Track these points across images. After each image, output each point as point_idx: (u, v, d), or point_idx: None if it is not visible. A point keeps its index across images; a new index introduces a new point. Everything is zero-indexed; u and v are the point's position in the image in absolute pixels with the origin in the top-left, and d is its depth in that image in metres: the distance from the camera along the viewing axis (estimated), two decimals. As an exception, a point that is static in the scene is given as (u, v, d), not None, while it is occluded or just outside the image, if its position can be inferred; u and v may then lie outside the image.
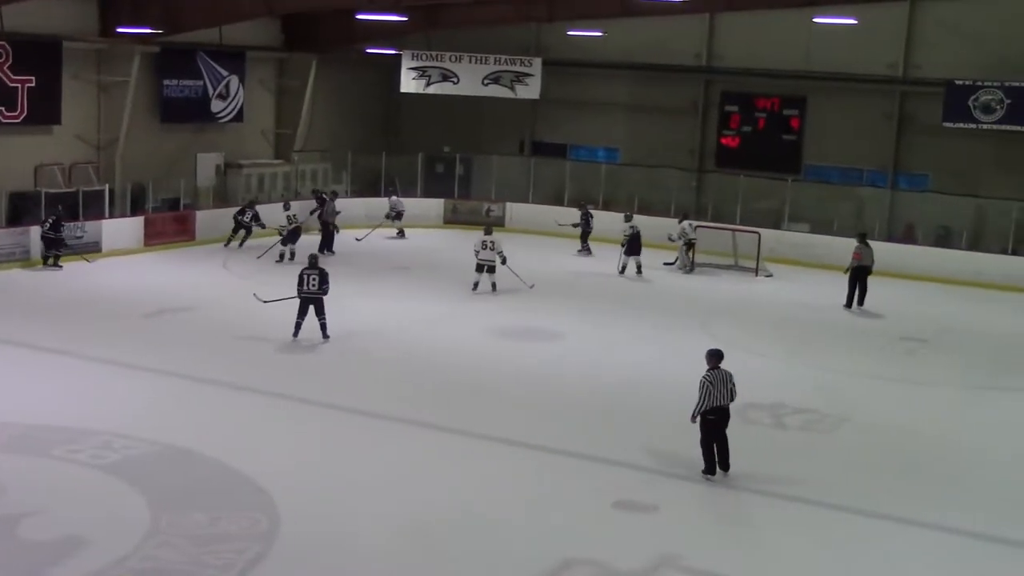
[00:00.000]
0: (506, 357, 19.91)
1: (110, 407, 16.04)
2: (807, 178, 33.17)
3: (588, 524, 12.85)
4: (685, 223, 28.70)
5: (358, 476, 13.88)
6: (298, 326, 19.84)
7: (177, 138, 31.30)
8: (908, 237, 31.20)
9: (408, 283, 25.91)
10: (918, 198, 31.79)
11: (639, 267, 27.57)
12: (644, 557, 11.91)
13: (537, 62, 33.50)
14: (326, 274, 19.99)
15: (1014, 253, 29.13)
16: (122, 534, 11.84)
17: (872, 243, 29.73)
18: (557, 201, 34.23)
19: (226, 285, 24.87)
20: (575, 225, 30.70)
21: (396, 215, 31.87)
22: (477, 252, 24.52)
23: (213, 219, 29.65)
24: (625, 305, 24.69)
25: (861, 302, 25.16)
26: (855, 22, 29.65)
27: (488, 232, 24.87)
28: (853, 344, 22.19)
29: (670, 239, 28.81)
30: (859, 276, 25.21)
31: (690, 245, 28.45)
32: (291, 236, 27.48)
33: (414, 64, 33.13)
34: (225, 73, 31.94)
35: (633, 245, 27.52)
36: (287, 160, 34.34)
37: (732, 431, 16.30)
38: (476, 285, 24.52)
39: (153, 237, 28.32)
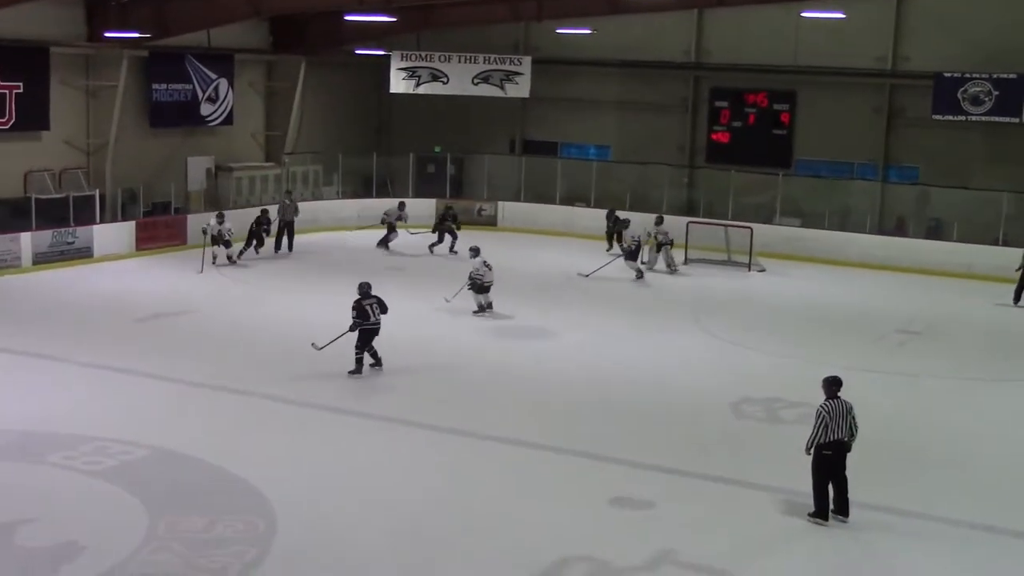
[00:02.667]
0: (500, 356, 19.90)
1: (105, 413, 16.03)
2: (798, 172, 33.20)
3: (585, 521, 12.85)
4: (661, 226, 28.24)
5: (353, 477, 13.88)
6: (360, 362, 18.12)
7: (167, 142, 31.26)
8: (899, 230, 31.24)
9: (402, 284, 25.82)
10: (909, 191, 31.86)
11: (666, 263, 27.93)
12: (641, 553, 11.92)
13: (527, 61, 33.49)
14: (382, 300, 18.45)
15: (1005, 244, 29.18)
16: (119, 540, 11.83)
17: (863, 235, 29.98)
18: (548, 200, 34.17)
19: (219, 288, 24.81)
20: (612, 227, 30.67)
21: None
22: (482, 275, 22.41)
23: (204, 223, 29.55)
24: (618, 302, 24.70)
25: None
26: (843, 16, 29.74)
27: (477, 252, 22.90)
28: (847, 337, 22.21)
29: (635, 239, 28.18)
30: None
31: (659, 246, 28.05)
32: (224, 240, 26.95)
33: (403, 64, 33.09)
34: (214, 76, 31.90)
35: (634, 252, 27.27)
36: (278, 163, 34.31)
37: (727, 426, 16.45)
38: (481, 307, 22.64)
39: (145, 241, 28.27)
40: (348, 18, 30.65)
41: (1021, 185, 29.37)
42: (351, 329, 17.96)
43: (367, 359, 18.18)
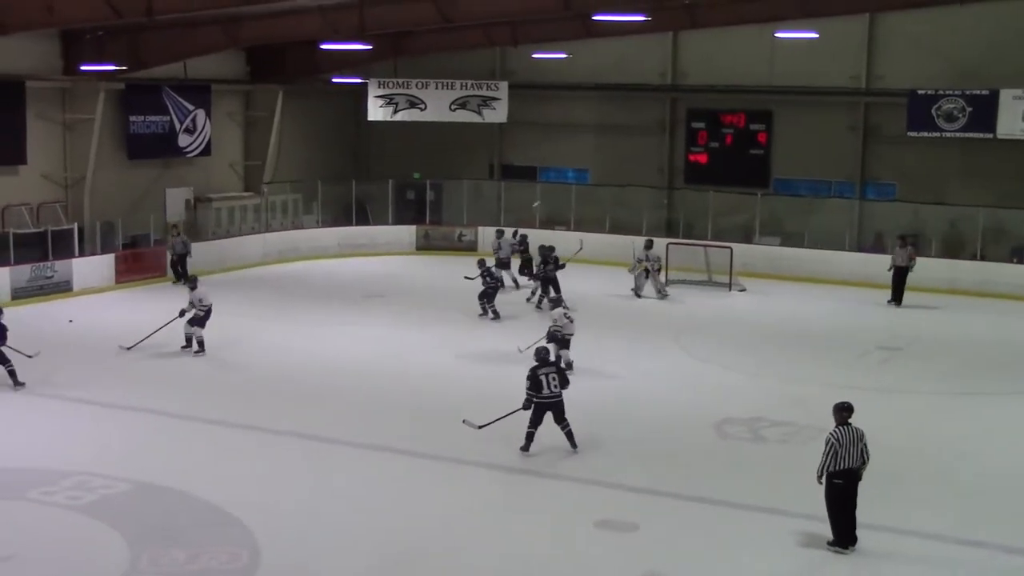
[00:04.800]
0: (480, 382, 19.85)
1: (85, 447, 15.92)
2: (776, 192, 33.34)
3: (572, 545, 12.81)
4: (651, 250, 27.98)
5: (337, 506, 13.81)
6: (531, 437, 15.62)
7: (145, 174, 31.19)
8: (877, 246, 31.36)
9: (382, 311, 25.86)
10: (886, 207, 32.01)
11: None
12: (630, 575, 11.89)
13: (503, 86, 33.58)
14: (563, 370, 16.55)
15: (983, 259, 29.35)
16: (100, 575, 11.72)
17: (842, 253, 30.02)
18: (528, 224, 34.10)
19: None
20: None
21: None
22: (562, 327, 20.16)
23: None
24: (598, 325, 24.63)
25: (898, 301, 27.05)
26: (816, 36, 29.87)
27: (558, 302, 21.74)
28: (828, 355, 22.25)
29: (639, 261, 28.10)
30: (896, 275, 27.07)
31: (648, 272, 27.76)
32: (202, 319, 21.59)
33: (381, 92, 33.14)
34: (191, 107, 31.89)
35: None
36: (257, 192, 34.27)
37: (711, 446, 16.43)
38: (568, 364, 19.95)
39: (124, 274, 28.14)
40: (324, 47, 30.71)
41: (996, 200, 29.59)
42: (524, 407, 15.58)
43: (569, 438, 15.79)
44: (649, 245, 28.08)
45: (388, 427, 17.01)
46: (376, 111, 33.37)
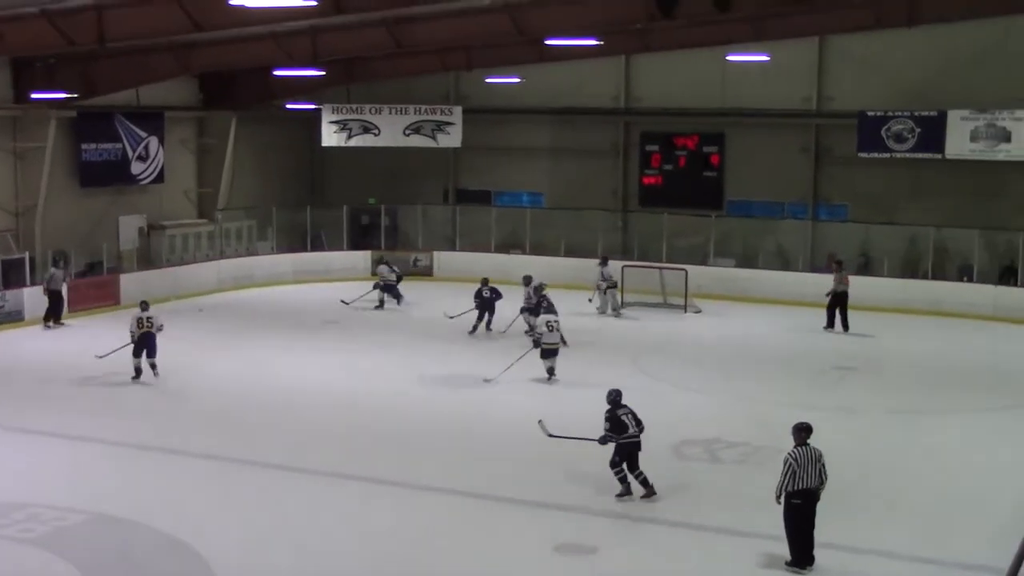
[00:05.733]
0: (438, 406, 19.80)
1: (37, 478, 15.72)
2: (729, 213, 33.57)
3: (531, 569, 12.79)
4: (606, 268, 28.41)
5: (295, 534, 13.69)
6: (625, 480, 15.01)
7: (97, 202, 30.94)
8: (831, 267, 31.58)
9: (338, 337, 25.76)
10: (838, 228, 32.31)
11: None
12: (587, 599, 11.91)
13: (457, 110, 33.67)
14: (635, 413, 15.24)
15: (935, 277, 29.66)
16: (55, 608, 11.61)
17: (796, 273, 30.28)
18: (484, 248, 34.18)
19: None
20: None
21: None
22: (541, 335, 21.48)
23: (138, 282, 29.19)
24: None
25: (844, 326, 26.31)
26: (767, 59, 30.19)
27: (536, 313, 23.36)
28: (783, 374, 22.39)
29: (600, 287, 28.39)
30: (835, 301, 26.47)
31: (606, 290, 28.15)
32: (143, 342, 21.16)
33: (334, 118, 33.11)
34: (144, 135, 31.69)
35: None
36: (210, 219, 34.09)
37: (669, 468, 16.45)
38: (551, 373, 21.40)
39: (77, 303, 27.79)
40: (277, 73, 30.62)
41: (945, 219, 29.95)
42: (601, 442, 15.04)
43: (635, 485, 15.02)
44: (604, 263, 28.31)
45: (346, 453, 16.91)
46: (330, 137, 33.35)
